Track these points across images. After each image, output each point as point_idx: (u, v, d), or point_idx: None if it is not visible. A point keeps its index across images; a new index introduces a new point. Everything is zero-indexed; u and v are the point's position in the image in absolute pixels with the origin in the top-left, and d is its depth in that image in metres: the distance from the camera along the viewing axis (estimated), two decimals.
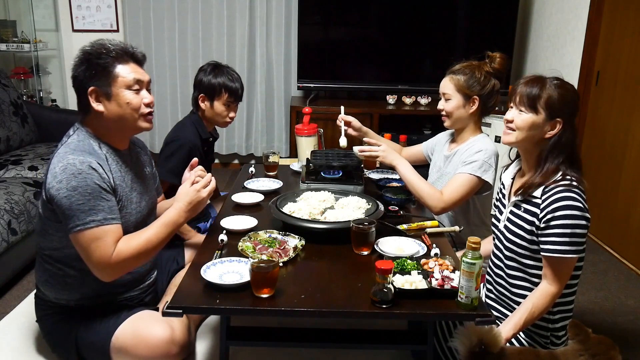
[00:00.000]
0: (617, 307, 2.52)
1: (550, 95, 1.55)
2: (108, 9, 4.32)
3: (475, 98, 2.04)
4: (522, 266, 1.62)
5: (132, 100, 1.63)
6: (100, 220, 1.54)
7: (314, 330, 1.69)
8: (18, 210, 2.49)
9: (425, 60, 4.42)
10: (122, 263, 1.57)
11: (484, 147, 2.00)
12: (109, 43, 1.65)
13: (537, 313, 1.52)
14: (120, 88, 1.62)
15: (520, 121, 1.58)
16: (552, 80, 1.59)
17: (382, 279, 1.36)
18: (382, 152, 2.07)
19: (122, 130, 1.70)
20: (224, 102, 2.41)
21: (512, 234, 1.62)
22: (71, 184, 1.52)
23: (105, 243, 1.54)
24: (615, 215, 3.13)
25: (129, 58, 1.66)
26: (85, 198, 1.52)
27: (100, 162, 1.59)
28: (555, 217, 1.49)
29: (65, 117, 3.66)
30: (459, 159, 2.05)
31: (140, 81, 1.66)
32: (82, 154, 1.57)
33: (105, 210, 1.56)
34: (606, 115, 3.25)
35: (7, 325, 2.17)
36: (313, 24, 4.30)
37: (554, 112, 1.55)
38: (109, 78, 1.61)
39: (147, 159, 1.94)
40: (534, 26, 4.17)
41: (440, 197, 1.95)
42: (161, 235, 1.64)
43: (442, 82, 2.11)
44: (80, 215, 1.52)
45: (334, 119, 2.32)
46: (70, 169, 1.53)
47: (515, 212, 1.63)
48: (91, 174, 1.54)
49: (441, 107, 2.11)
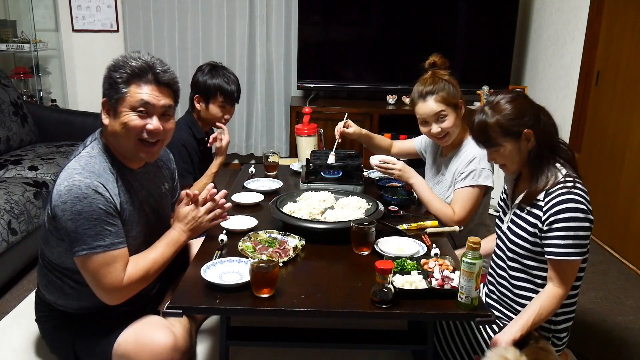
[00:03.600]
0: (617, 307, 2.52)
1: (495, 122, 1.53)
2: (108, 9, 4.32)
3: (461, 102, 2.05)
4: (525, 268, 1.61)
5: (130, 123, 1.52)
6: (107, 246, 1.49)
7: (314, 330, 1.69)
8: (18, 210, 2.49)
9: (425, 61, 4.40)
10: (132, 286, 1.55)
11: (476, 153, 2.00)
12: (135, 57, 1.55)
13: (545, 314, 1.51)
14: (125, 108, 1.53)
15: (501, 159, 1.59)
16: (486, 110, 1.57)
17: (382, 279, 1.36)
18: (399, 169, 2.09)
19: (124, 150, 1.60)
20: (219, 104, 2.39)
21: (515, 236, 1.62)
22: (76, 208, 1.46)
23: (115, 269, 1.50)
24: (615, 215, 3.13)
25: (149, 77, 1.54)
26: (91, 223, 1.47)
27: (107, 185, 1.52)
28: (558, 220, 1.48)
29: (66, 117, 3.66)
30: (455, 167, 2.07)
31: (148, 104, 1.53)
32: (89, 175, 1.50)
33: (113, 234, 1.51)
34: (606, 115, 3.25)
35: (7, 325, 2.17)
36: (313, 24, 4.30)
37: (515, 130, 1.54)
38: (117, 94, 1.53)
39: (168, 173, 1.87)
40: (534, 26, 4.17)
41: (452, 216, 1.99)
42: (166, 255, 1.62)
43: (426, 107, 2.02)
44: (87, 239, 1.47)
45: (334, 119, 2.33)
46: (75, 192, 1.46)
47: (518, 214, 1.63)
48: (96, 199, 1.47)
49: (437, 130, 2.02)
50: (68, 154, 3.17)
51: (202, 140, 2.47)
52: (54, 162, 3.03)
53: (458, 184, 2.03)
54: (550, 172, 1.55)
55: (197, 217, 1.66)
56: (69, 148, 3.29)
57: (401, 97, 4.32)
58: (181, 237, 1.66)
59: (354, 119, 2.37)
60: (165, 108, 1.58)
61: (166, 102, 1.58)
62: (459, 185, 2.02)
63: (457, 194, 2.03)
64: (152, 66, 1.55)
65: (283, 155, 4.46)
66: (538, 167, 1.56)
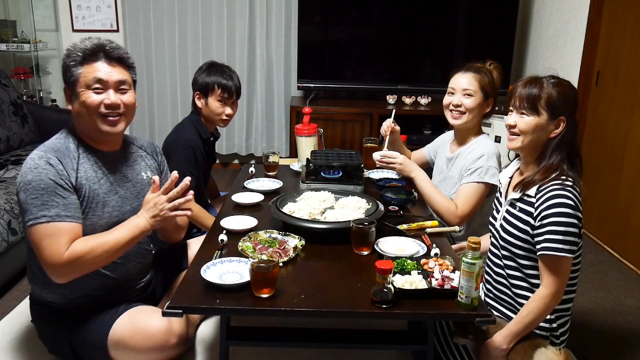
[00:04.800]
0: (617, 307, 2.52)
1: (549, 94, 1.55)
2: (108, 9, 4.32)
3: (491, 99, 2.07)
4: (519, 266, 1.62)
5: (87, 100, 1.58)
6: (52, 217, 1.50)
7: (314, 330, 1.69)
8: (18, 210, 2.48)
9: (425, 60, 4.42)
10: (76, 263, 1.52)
11: (485, 151, 2.01)
12: (85, 42, 1.62)
13: (536, 317, 1.52)
14: (81, 88, 1.59)
15: (524, 125, 1.57)
16: (548, 79, 1.59)
17: (382, 279, 1.36)
18: (400, 163, 2.10)
19: (90, 130, 1.64)
20: (218, 97, 2.39)
21: (507, 234, 1.62)
22: (27, 178, 1.52)
23: (57, 241, 1.50)
24: (615, 215, 3.13)
25: (100, 56, 1.61)
26: (39, 192, 1.51)
27: (63, 159, 1.57)
28: (548, 215, 1.49)
29: (66, 117, 3.65)
30: (462, 164, 2.06)
31: (102, 80, 1.59)
32: (46, 151, 1.57)
33: (60, 206, 1.52)
34: (606, 115, 3.25)
35: (7, 325, 2.17)
36: (313, 24, 4.29)
37: (556, 111, 1.55)
38: (72, 77, 1.60)
39: (152, 164, 1.86)
40: (534, 26, 4.17)
41: (455, 211, 1.99)
42: (122, 238, 1.58)
43: (462, 79, 2.07)
44: (33, 209, 1.50)
45: (334, 119, 2.32)
46: (29, 164, 1.54)
47: (510, 211, 1.63)
48: (47, 169, 1.53)
49: (458, 102, 2.05)
50: None
51: (208, 140, 2.47)
52: None
53: (464, 179, 2.03)
54: (555, 166, 1.55)
55: (158, 204, 1.60)
56: None
57: (401, 97, 4.32)
58: (141, 222, 1.61)
59: (354, 118, 2.37)
60: (119, 82, 1.63)
61: (120, 77, 1.63)
62: (464, 181, 2.02)
63: (461, 189, 2.03)
64: (101, 45, 1.62)
65: (283, 155, 4.46)
66: (550, 156, 1.56)
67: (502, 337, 1.53)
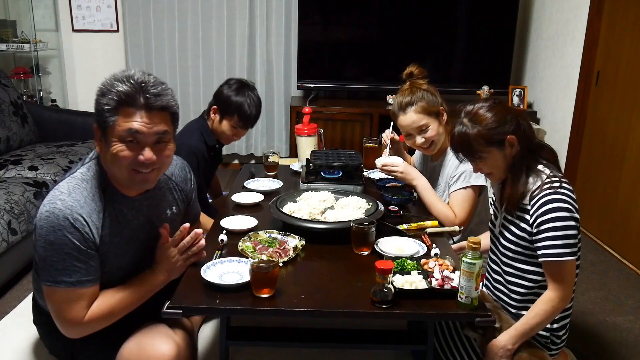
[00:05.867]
0: (617, 307, 2.52)
1: (477, 136, 1.53)
2: (108, 9, 4.32)
3: (442, 109, 2.06)
4: (519, 271, 1.62)
5: (119, 154, 1.38)
6: (73, 283, 1.39)
7: (314, 330, 1.69)
8: (18, 210, 2.49)
9: (425, 60, 4.40)
10: (94, 324, 1.46)
11: None
12: (123, 79, 1.38)
13: (542, 319, 1.51)
14: (114, 137, 1.38)
15: (487, 168, 1.59)
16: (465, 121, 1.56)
17: (382, 279, 1.36)
18: (401, 171, 2.09)
19: (119, 178, 1.47)
20: (233, 124, 2.35)
21: (507, 241, 1.63)
22: (49, 238, 1.37)
23: (78, 306, 1.42)
24: (615, 215, 3.13)
25: (140, 103, 1.37)
26: (61, 257, 1.37)
27: (89, 218, 1.41)
28: (545, 221, 1.49)
29: (66, 117, 3.66)
30: (447, 172, 2.09)
31: (138, 133, 1.37)
32: (72, 205, 1.38)
33: (82, 272, 1.40)
34: (606, 115, 3.25)
35: (7, 325, 2.17)
36: (313, 24, 4.29)
37: (500, 139, 1.54)
38: (106, 123, 1.38)
39: (180, 196, 1.72)
40: (534, 26, 4.17)
41: (454, 219, 1.99)
42: (137, 294, 1.52)
43: (407, 120, 2.04)
44: (53, 272, 1.38)
45: (334, 119, 2.32)
46: (52, 221, 1.36)
47: (508, 218, 1.64)
48: (71, 233, 1.37)
49: (421, 141, 2.06)
50: (68, 154, 3.17)
51: (213, 147, 2.44)
52: (54, 162, 3.03)
53: (452, 187, 2.04)
54: (534, 174, 1.55)
55: (170, 257, 1.53)
56: (69, 148, 3.29)
57: None
58: (159, 278, 1.55)
59: (354, 118, 2.37)
60: (159, 135, 1.41)
61: (160, 129, 1.40)
62: (452, 189, 2.04)
63: (452, 198, 2.04)
64: (142, 89, 1.37)
65: (283, 155, 4.46)
66: (520, 171, 1.56)
67: (508, 337, 1.52)
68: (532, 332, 1.53)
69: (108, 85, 1.38)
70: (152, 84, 1.39)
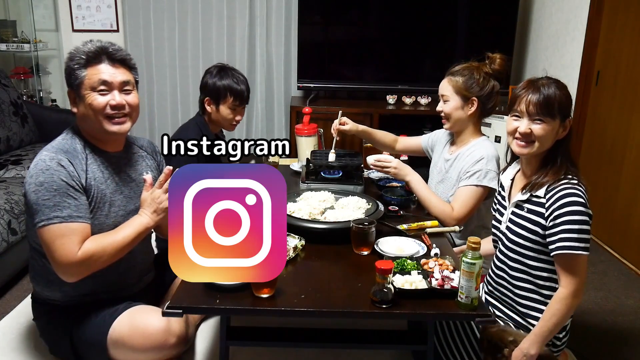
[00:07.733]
0: (617, 307, 2.52)
1: (560, 97, 1.53)
2: (108, 9, 4.32)
3: (474, 99, 2.04)
4: (526, 267, 1.61)
5: (93, 102, 1.61)
6: (64, 217, 1.54)
7: (314, 330, 1.69)
8: (18, 210, 2.49)
9: (425, 60, 4.42)
10: (88, 262, 1.56)
11: (484, 154, 2.00)
12: (88, 45, 1.64)
13: (559, 319, 1.50)
14: (86, 90, 1.62)
15: (542, 131, 1.53)
16: (550, 81, 1.56)
17: (382, 279, 1.36)
18: (394, 167, 2.09)
19: (96, 132, 1.68)
20: (230, 105, 2.39)
21: (515, 235, 1.61)
22: (39, 180, 1.54)
23: (70, 241, 1.53)
24: (615, 215, 3.13)
25: (104, 58, 1.64)
26: (51, 194, 1.53)
27: (73, 161, 1.60)
28: (561, 214, 1.48)
29: (66, 117, 3.65)
30: (461, 166, 2.05)
31: (106, 82, 1.62)
32: (56, 152, 1.60)
33: (72, 207, 1.55)
34: (606, 115, 3.25)
35: (7, 325, 2.17)
36: (313, 24, 4.29)
37: (566, 113, 1.55)
38: (77, 80, 1.62)
39: (152, 163, 1.90)
40: (534, 26, 4.17)
41: (451, 213, 1.97)
42: (128, 236, 1.63)
43: (441, 84, 2.11)
44: (45, 210, 1.53)
45: (334, 119, 2.32)
46: (40, 165, 1.56)
47: (517, 212, 1.62)
48: (59, 171, 1.55)
49: (440, 108, 2.11)
50: None
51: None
52: None
53: (462, 182, 2.02)
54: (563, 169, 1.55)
55: (155, 198, 1.66)
56: None
57: (401, 97, 4.32)
58: (144, 220, 1.66)
59: (354, 119, 2.37)
60: (124, 83, 1.66)
61: (123, 78, 1.66)
62: (462, 183, 2.01)
63: (459, 192, 2.02)
64: (104, 47, 1.64)
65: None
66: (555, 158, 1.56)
67: (529, 343, 1.51)
68: (551, 333, 1.51)
69: (74, 50, 1.65)
70: (111, 44, 1.67)
